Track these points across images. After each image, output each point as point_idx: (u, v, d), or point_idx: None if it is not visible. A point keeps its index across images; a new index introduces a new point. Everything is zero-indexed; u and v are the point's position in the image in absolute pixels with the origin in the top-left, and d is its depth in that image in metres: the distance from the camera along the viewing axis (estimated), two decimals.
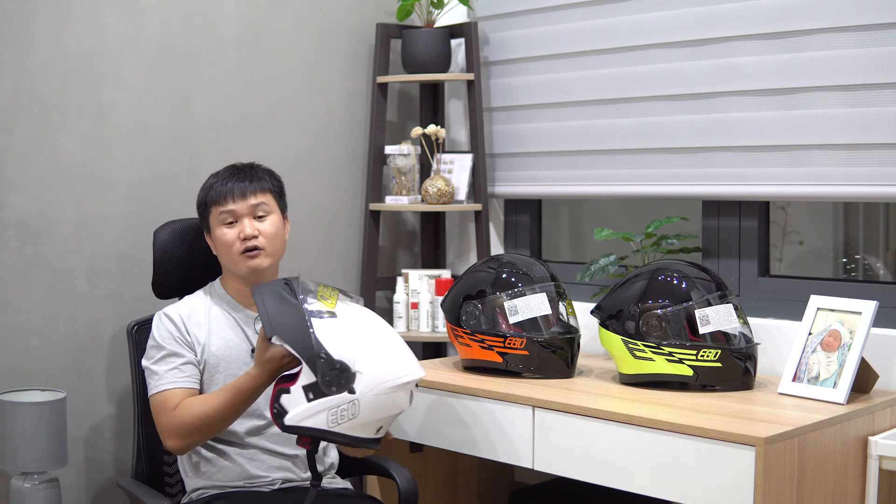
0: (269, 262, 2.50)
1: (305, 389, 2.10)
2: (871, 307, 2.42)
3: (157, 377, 2.41)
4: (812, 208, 3.28)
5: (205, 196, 2.53)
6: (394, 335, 2.28)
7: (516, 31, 3.40)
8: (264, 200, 2.51)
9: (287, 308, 2.17)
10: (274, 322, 2.15)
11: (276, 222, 2.52)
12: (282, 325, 2.15)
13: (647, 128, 3.08)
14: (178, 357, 2.43)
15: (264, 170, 2.57)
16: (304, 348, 2.11)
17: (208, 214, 2.52)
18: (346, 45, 3.43)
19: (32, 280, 2.74)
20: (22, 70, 2.70)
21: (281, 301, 2.18)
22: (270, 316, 2.16)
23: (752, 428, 2.15)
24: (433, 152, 3.40)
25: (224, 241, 2.48)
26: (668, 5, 3.00)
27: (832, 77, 2.70)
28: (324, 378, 2.10)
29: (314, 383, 2.10)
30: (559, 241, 3.77)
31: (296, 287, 2.22)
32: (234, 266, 2.50)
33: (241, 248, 2.47)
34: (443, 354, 3.53)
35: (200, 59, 3.05)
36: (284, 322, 2.15)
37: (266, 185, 2.53)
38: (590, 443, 2.37)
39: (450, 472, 3.06)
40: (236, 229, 2.48)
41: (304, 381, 2.11)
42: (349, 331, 2.17)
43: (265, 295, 2.20)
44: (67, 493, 2.76)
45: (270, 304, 2.18)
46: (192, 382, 2.42)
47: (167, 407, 2.37)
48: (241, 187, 2.49)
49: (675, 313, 2.54)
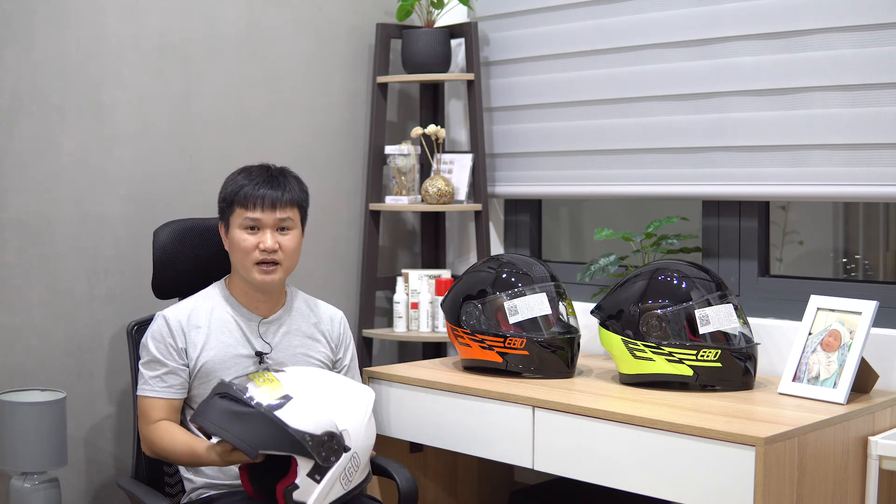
0: (281, 277, 2.50)
1: (310, 475, 2.16)
2: (871, 307, 2.42)
3: (143, 381, 2.46)
4: (812, 208, 3.28)
5: (233, 195, 2.47)
6: (329, 374, 2.36)
7: (516, 31, 3.40)
8: (291, 216, 2.48)
9: (248, 420, 2.15)
10: (249, 442, 2.13)
11: (297, 237, 2.51)
12: (258, 440, 2.14)
13: (647, 128, 3.08)
14: (162, 366, 2.44)
15: (295, 179, 2.53)
16: (290, 445, 2.14)
17: (231, 213, 2.48)
18: (346, 45, 3.43)
19: (32, 280, 2.74)
20: (22, 70, 2.70)
21: (236, 416, 2.16)
22: (242, 439, 2.14)
23: (752, 428, 2.15)
24: (433, 152, 3.40)
25: (242, 246, 2.46)
26: (668, 5, 3.00)
27: (832, 77, 2.70)
28: (320, 456, 2.15)
29: (314, 465, 2.15)
30: (559, 241, 3.77)
31: (235, 392, 2.20)
32: (245, 272, 2.49)
33: (257, 259, 2.45)
34: (443, 354, 3.53)
35: (200, 59, 3.05)
36: (257, 435, 2.14)
37: (296, 199, 2.50)
38: (590, 443, 2.37)
39: (450, 472, 3.06)
40: (257, 238, 2.45)
41: (305, 470, 2.16)
42: (310, 401, 2.20)
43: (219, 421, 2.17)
44: (67, 493, 2.76)
45: (232, 428, 2.15)
46: (173, 392, 2.45)
47: (147, 416, 2.45)
48: (272, 197, 2.45)
49: (675, 313, 2.54)
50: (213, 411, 2.19)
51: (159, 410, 2.43)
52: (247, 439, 2.13)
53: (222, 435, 2.16)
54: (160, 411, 2.43)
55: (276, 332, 2.53)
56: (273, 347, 2.51)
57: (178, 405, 2.46)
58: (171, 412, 2.44)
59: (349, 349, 2.66)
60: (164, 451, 2.41)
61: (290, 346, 2.54)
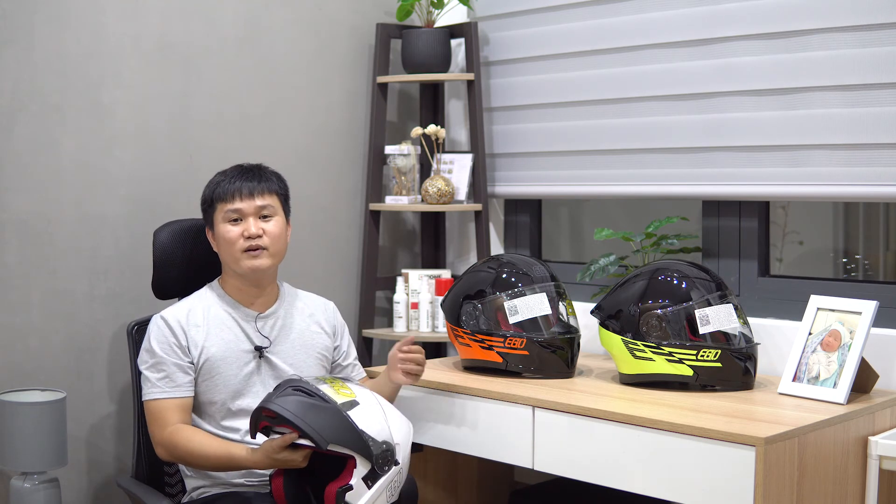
0: (269, 263, 2.50)
1: (364, 479, 2.22)
2: (871, 307, 2.42)
3: (150, 384, 2.44)
4: (812, 208, 3.28)
5: (211, 193, 2.53)
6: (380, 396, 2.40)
7: (516, 31, 3.40)
8: (270, 202, 2.52)
9: (323, 413, 2.22)
10: (323, 434, 2.19)
11: (281, 224, 2.53)
12: (330, 433, 2.20)
13: (647, 128, 3.08)
14: (168, 366, 2.44)
15: (272, 172, 2.58)
16: (356, 445, 2.22)
17: (213, 211, 2.52)
18: (346, 44, 3.43)
19: (32, 280, 2.74)
20: (22, 70, 2.70)
21: (312, 408, 2.22)
22: (316, 430, 2.20)
23: (752, 428, 2.15)
24: (433, 152, 3.40)
25: (227, 238, 2.49)
26: (668, 5, 3.00)
27: (832, 77, 2.70)
28: (376, 462, 2.23)
29: (370, 470, 2.22)
30: (559, 241, 3.77)
31: (310, 387, 2.27)
32: (234, 264, 2.50)
33: (244, 246, 2.47)
34: (443, 354, 3.53)
35: (200, 59, 3.05)
36: (329, 428, 2.21)
37: (273, 187, 2.54)
38: (590, 443, 2.37)
39: (450, 472, 3.06)
40: (241, 227, 2.48)
41: (361, 473, 2.23)
42: (374, 409, 2.29)
43: (294, 409, 2.21)
44: (67, 493, 2.76)
45: (307, 418, 2.20)
46: (183, 391, 2.44)
47: (160, 420, 2.42)
48: (249, 187, 2.50)
49: (675, 313, 2.54)
50: (286, 400, 2.23)
51: (173, 412, 2.41)
52: (320, 431, 2.19)
53: (297, 423, 2.19)
54: (174, 413, 2.41)
55: (273, 326, 2.54)
56: (272, 341, 2.52)
57: (189, 404, 2.44)
58: (184, 412, 2.43)
59: (344, 335, 2.70)
60: (192, 456, 2.38)
61: (288, 340, 2.55)
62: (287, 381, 2.32)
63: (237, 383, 2.47)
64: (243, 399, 2.46)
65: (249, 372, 2.49)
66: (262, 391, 2.48)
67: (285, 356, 2.53)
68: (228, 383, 2.46)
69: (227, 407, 2.46)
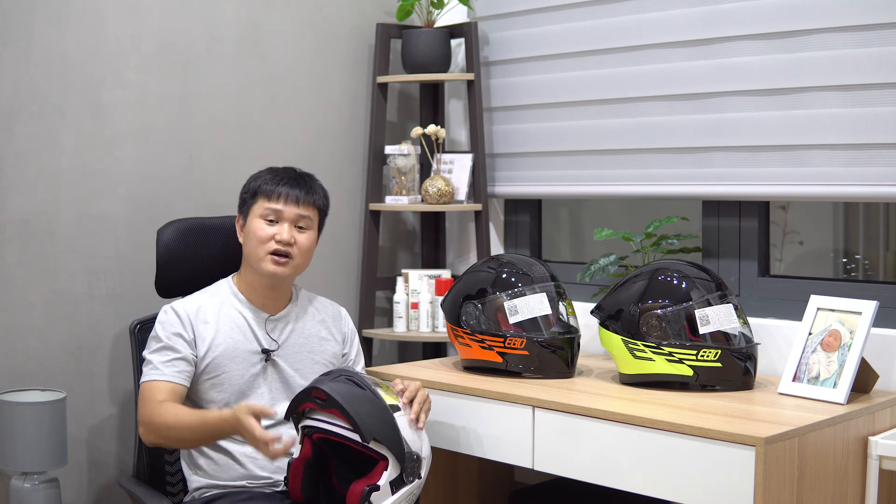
0: (291, 273, 2.51)
1: (391, 483, 2.23)
2: (871, 307, 2.42)
3: (152, 366, 2.43)
4: (812, 208, 3.28)
5: (257, 186, 2.51)
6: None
7: (516, 31, 3.40)
8: (310, 215, 2.52)
9: (373, 407, 2.23)
10: (370, 426, 2.20)
11: (313, 238, 2.54)
12: (375, 428, 2.21)
13: (647, 128, 3.08)
14: (174, 352, 2.43)
15: (320, 186, 2.58)
16: (395, 447, 2.23)
17: (253, 203, 2.51)
18: (346, 44, 3.43)
19: (32, 280, 2.74)
20: (22, 70, 2.70)
21: (364, 399, 2.23)
22: (364, 420, 2.20)
23: (752, 428, 2.15)
24: (433, 152, 3.40)
25: (258, 235, 2.48)
26: (668, 5, 3.00)
27: (832, 77, 2.70)
28: (406, 470, 2.24)
29: (398, 476, 2.23)
30: (559, 241, 3.77)
31: (364, 382, 2.27)
32: (256, 262, 2.49)
33: (271, 249, 2.47)
34: (443, 354, 3.53)
35: (200, 59, 3.05)
36: (375, 423, 2.21)
37: (319, 202, 2.55)
38: (590, 443, 2.37)
39: (450, 472, 3.06)
40: (275, 229, 2.48)
41: (389, 477, 2.23)
42: (408, 421, 2.29)
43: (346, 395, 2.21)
44: (67, 493, 2.76)
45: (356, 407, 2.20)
46: (182, 379, 2.43)
47: (152, 398, 2.39)
48: (296, 193, 2.50)
49: (675, 313, 2.54)
50: (339, 386, 2.23)
51: (165, 393, 2.39)
52: (368, 423, 2.19)
53: (347, 409, 2.18)
54: (166, 394, 2.39)
55: (283, 330, 2.54)
56: (280, 345, 2.52)
57: (182, 392, 2.43)
58: (176, 397, 2.42)
59: (354, 342, 2.69)
60: (168, 429, 2.34)
61: (296, 344, 2.55)
62: (340, 369, 2.33)
63: (242, 384, 2.47)
64: (247, 400, 2.46)
65: (255, 373, 2.49)
66: (267, 393, 2.48)
67: (292, 361, 2.53)
68: (234, 383, 2.46)
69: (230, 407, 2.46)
